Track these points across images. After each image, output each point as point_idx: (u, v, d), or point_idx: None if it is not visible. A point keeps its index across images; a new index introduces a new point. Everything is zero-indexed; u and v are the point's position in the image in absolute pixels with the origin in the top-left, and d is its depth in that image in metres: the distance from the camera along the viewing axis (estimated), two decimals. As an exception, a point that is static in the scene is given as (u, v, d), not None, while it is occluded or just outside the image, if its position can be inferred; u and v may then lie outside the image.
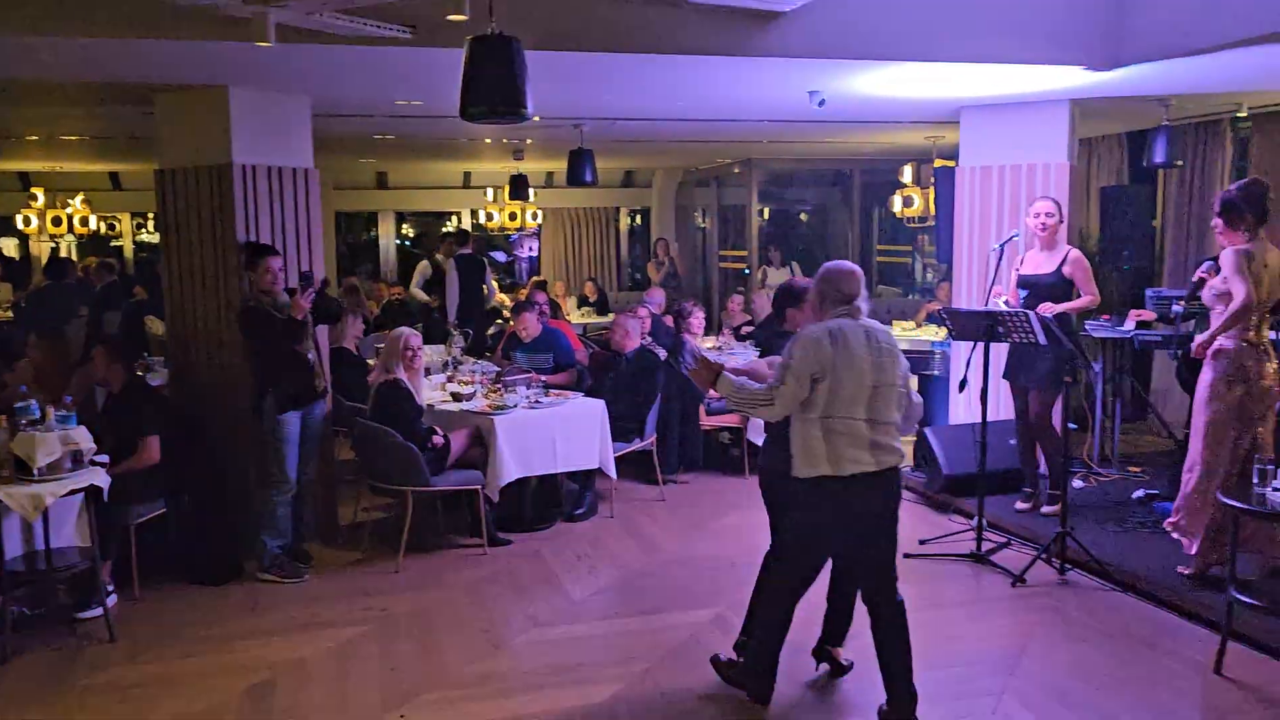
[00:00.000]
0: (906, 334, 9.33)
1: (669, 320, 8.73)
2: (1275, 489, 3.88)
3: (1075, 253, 5.78)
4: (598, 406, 6.23)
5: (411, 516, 5.51)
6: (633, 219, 14.78)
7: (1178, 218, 8.37)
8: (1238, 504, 3.99)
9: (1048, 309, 5.54)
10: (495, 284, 11.65)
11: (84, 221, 10.55)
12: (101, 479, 4.50)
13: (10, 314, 10.32)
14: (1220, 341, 4.65)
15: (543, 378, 6.56)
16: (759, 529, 6.20)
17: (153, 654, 4.41)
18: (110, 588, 4.80)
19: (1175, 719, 3.73)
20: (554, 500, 6.41)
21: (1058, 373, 5.57)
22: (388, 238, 13.63)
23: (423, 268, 10.52)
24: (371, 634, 4.60)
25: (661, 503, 6.71)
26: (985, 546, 5.47)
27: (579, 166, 7.85)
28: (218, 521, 5.31)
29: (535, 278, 12.69)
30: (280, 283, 5.30)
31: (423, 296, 10.38)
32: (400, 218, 14.18)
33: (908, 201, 9.47)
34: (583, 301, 12.17)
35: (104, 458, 4.68)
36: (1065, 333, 5.11)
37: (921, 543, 5.72)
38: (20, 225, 10.68)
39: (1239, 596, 3.95)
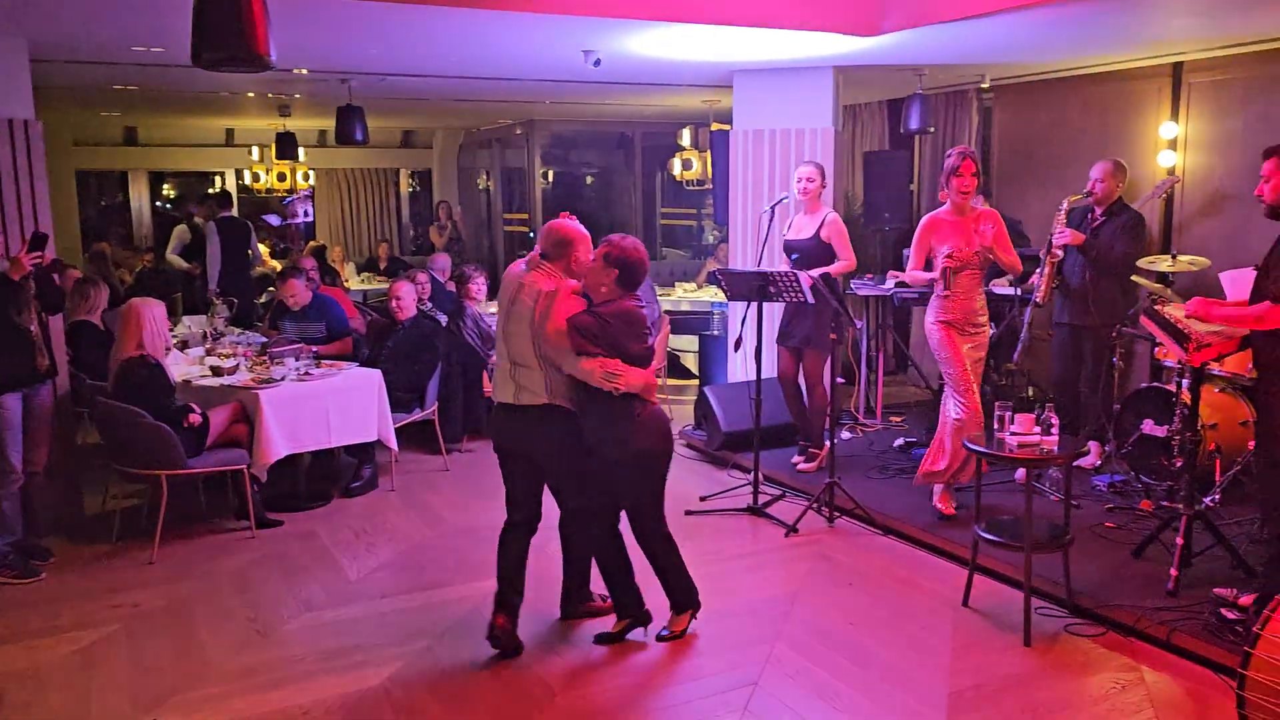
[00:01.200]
0: (689, 295, 9.54)
1: (452, 286, 8.52)
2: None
3: (833, 216, 6.02)
4: (374, 376, 5.97)
5: (167, 502, 5.09)
6: (414, 181, 14.28)
7: (932, 181, 8.93)
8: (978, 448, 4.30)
9: (805, 279, 5.77)
10: (264, 249, 10.97)
11: None
12: None
13: None
14: None
15: (314, 348, 6.23)
16: (547, 493, 6.20)
17: None
18: None
19: (925, 649, 3.99)
20: (330, 475, 6.12)
21: (826, 331, 5.81)
22: (141, 199, 12.51)
23: (180, 232, 9.73)
24: (120, 633, 4.22)
25: (446, 473, 6.54)
26: (762, 500, 5.67)
27: (348, 124, 7.45)
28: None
29: (312, 242, 12.05)
30: (-2, 248, 4.71)
31: (181, 264, 9.60)
32: (158, 179, 13.06)
33: (687, 164, 9.63)
34: (369, 265, 11.67)
35: None
36: (831, 292, 5.32)
37: (702, 499, 5.87)
38: None
39: (982, 534, 4.26)
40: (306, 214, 13.33)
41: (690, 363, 9.59)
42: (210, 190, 12.35)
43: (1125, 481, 5.59)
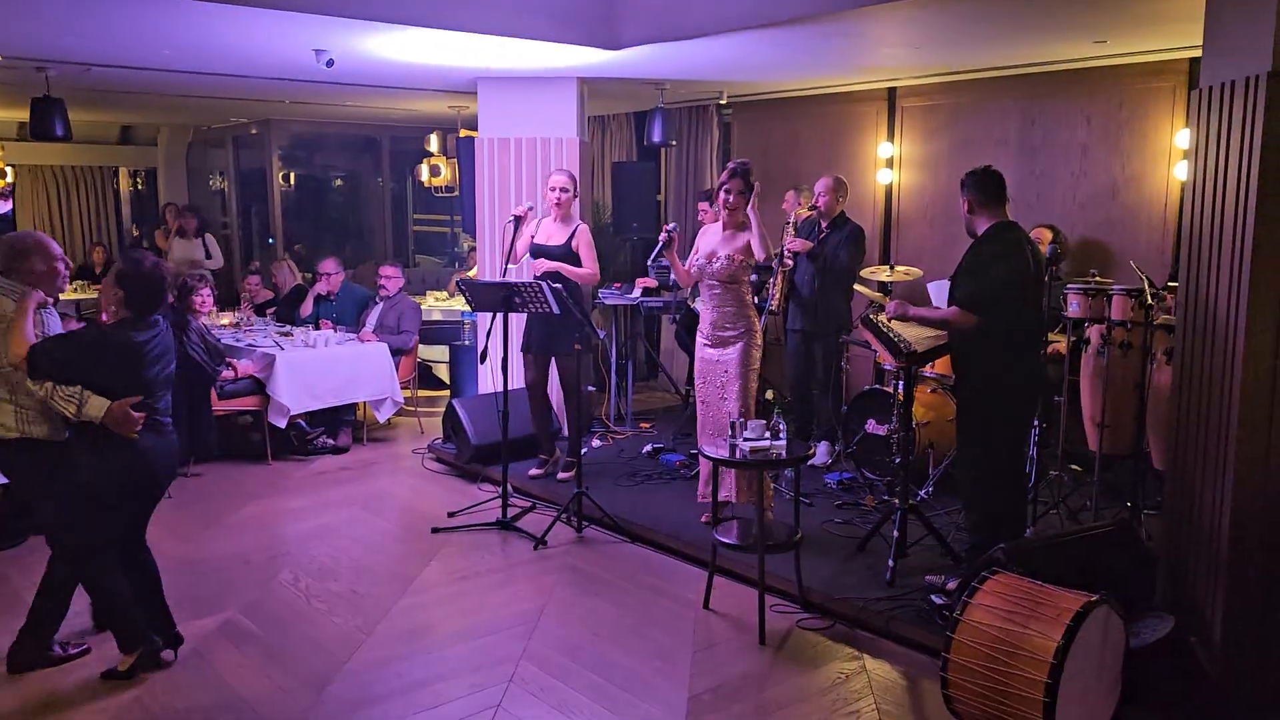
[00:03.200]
0: (440, 303, 9.32)
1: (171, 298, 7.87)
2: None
3: (584, 228, 6.02)
4: (78, 398, 5.37)
5: None
6: (135, 180, 13.10)
7: (677, 192, 9.20)
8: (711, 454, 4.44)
9: (544, 265, 5.75)
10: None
11: None
12: None
13: None
14: None
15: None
16: (282, 518, 5.85)
17: None
18: None
19: (668, 654, 4.06)
20: (26, 512, 5.44)
21: (572, 340, 5.82)
22: None
23: None
24: None
25: (168, 500, 5.97)
26: (511, 512, 5.59)
27: (46, 117, 6.70)
28: None
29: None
30: None
31: None
32: None
33: (435, 171, 9.40)
34: (83, 272, 10.57)
35: None
36: (575, 302, 5.33)
37: (451, 515, 5.71)
38: None
39: (719, 538, 4.39)
40: (4, 210, 11.90)
41: (443, 373, 9.37)
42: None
43: (853, 479, 5.96)
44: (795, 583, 4.47)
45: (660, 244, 5.15)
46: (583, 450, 5.63)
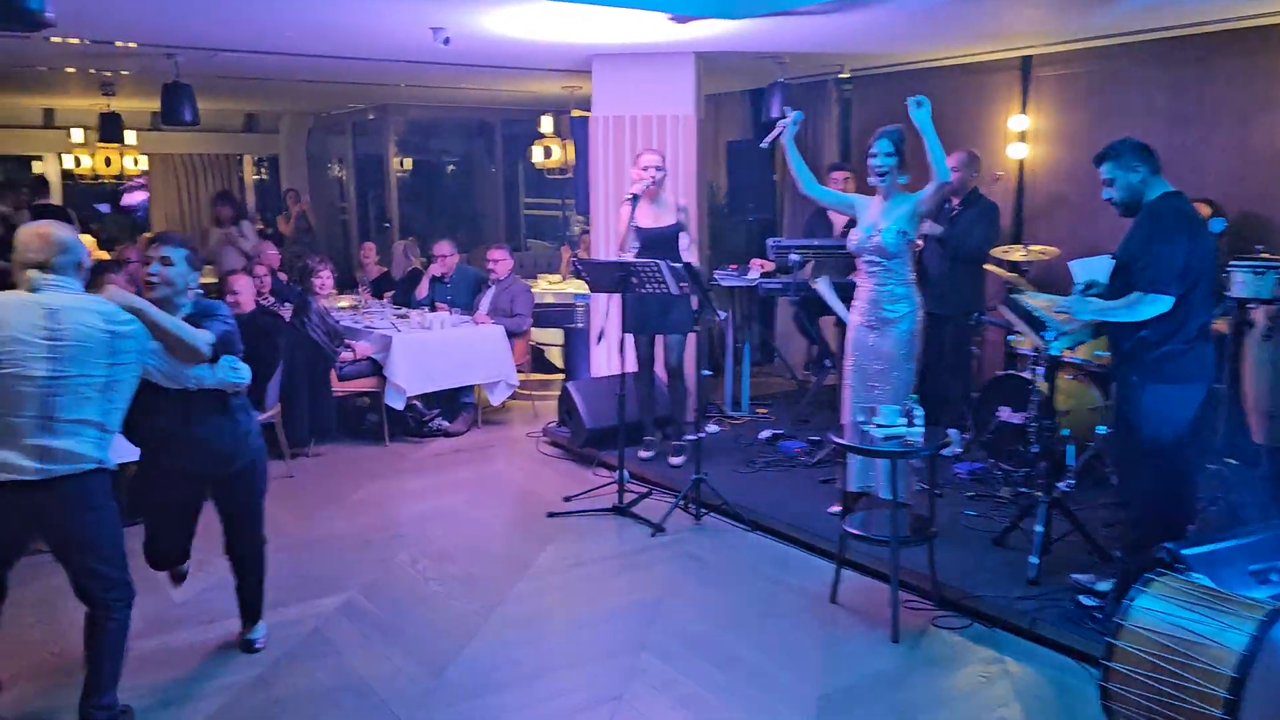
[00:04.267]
0: (552, 286, 9.28)
1: (284, 277, 8.10)
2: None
3: (689, 208, 5.84)
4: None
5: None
6: (259, 168, 13.48)
7: (794, 172, 8.92)
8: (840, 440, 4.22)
9: (667, 268, 5.60)
10: (90, 240, 10.11)
11: None
12: None
13: None
14: None
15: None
16: (399, 499, 5.87)
17: None
18: None
19: (793, 650, 3.87)
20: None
21: (688, 322, 5.66)
22: (-52, 187, 11.34)
23: (-16, 222, 8.82)
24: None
25: (290, 479, 6.09)
26: (627, 498, 5.47)
27: (175, 104, 6.87)
28: None
29: (146, 235, 11.17)
30: None
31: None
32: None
33: (547, 152, 9.34)
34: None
35: None
36: (695, 282, 5.16)
37: (566, 499, 5.63)
38: None
39: (848, 529, 4.17)
40: (142, 200, 12.40)
41: (554, 356, 9.33)
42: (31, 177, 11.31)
43: (985, 469, 5.63)
44: (929, 578, 4.21)
45: (778, 130, 4.88)
46: (699, 435, 5.45)
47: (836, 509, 4.99)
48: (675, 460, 5.93)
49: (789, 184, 8.95)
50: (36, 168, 11.87)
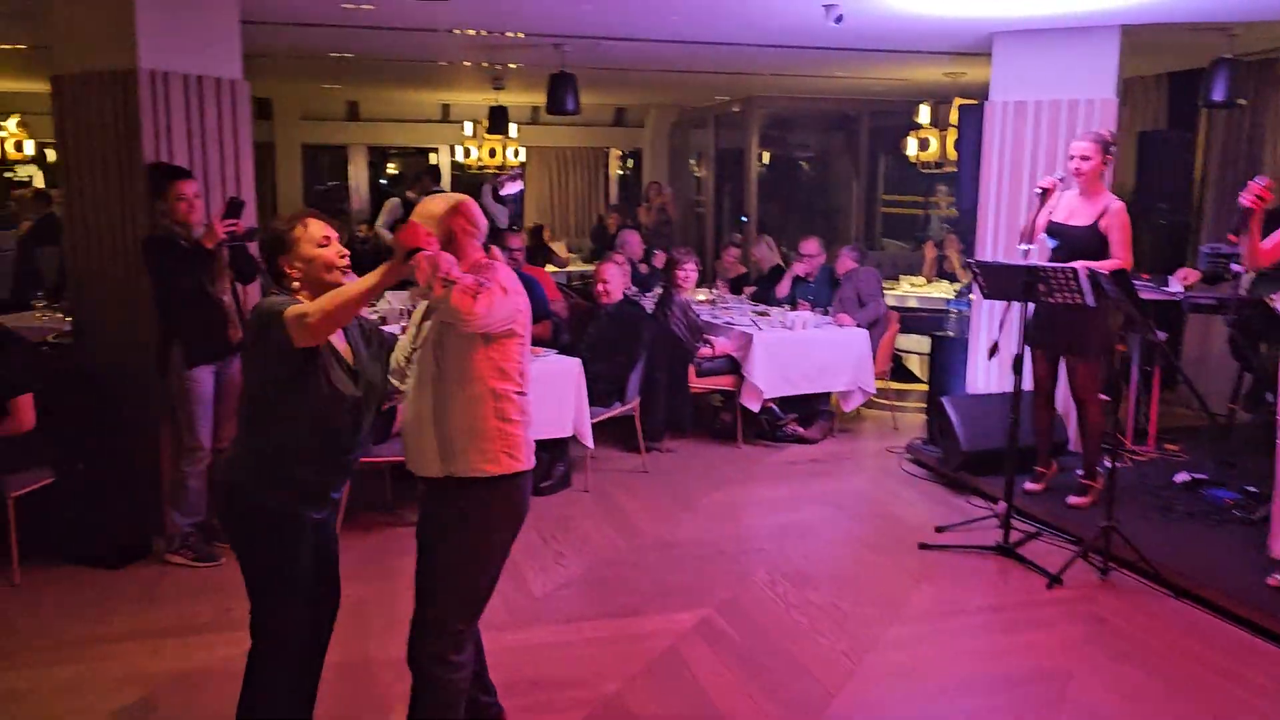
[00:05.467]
0: (916, 289, 8.59)
1: (644, 268, 8.08)
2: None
3: (1117, 205, 4.90)
4: (573, 366, 5.46)
5: (350, 491, 4.73)
6: (624, 161, 13.86)
7: (1221, 167, 7.57)
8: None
9: (1081, 267, 4.73)
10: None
11: (18, 146, 9.59)
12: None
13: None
14: None
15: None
16: (754, 507, 5.53)
17: (20, 658, 3.66)
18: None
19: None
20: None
21: (1106, 339, 4.81)
22: (359, 177, 12.68)
23: (391, 206, 9.63)
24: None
25: (644, 474, 5.96)
26: (1013, 537, 4.74)
27: (560, 92, 6.99)
28: (120, 494, 4.54)
29: (536, 223, 11.84)
30: (198, 213, 4.47)
31: (388, 236, 9.52)
32: (382, 155, 13.22)
33: (924, 144, 8.62)
34: (599, 236, 11.36)
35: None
36: (1126, 294, 4.31)
37: (939, 530, 5.00)
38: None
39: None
40: (519, 189, 13.16)
41: (912, 365, 8.63)
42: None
43: None
44: None
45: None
46: (1107, 470, 4.60)
47: (1276, 582, 4.02)
48: (1075, 500, 5.09)
49: (1213, 182, 7.63)
50: (431, 159, 12.97)
